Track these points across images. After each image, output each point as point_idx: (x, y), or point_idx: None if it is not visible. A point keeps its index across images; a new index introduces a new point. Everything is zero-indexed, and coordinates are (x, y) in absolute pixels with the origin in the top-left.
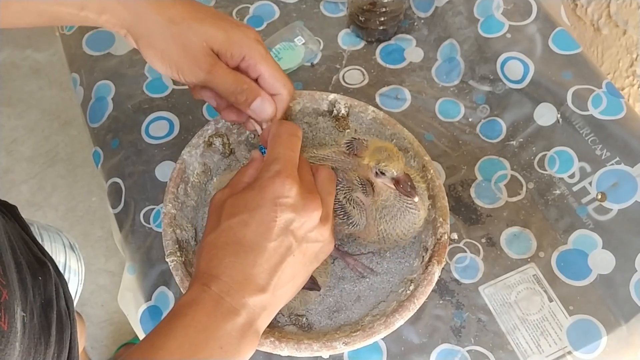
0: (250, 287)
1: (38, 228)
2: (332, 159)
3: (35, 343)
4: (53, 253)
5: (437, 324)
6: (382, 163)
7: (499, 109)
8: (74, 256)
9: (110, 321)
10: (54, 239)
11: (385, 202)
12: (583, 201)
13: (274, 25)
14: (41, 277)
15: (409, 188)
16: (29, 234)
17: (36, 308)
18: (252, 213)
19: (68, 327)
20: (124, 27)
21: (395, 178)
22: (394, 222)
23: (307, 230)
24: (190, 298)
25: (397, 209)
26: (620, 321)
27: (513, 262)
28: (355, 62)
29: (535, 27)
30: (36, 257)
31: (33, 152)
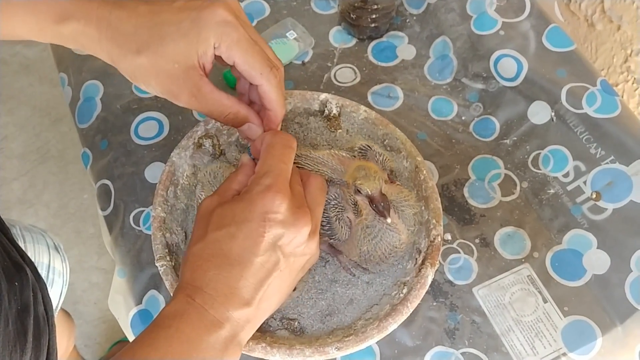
0: (234, 300)
1: (21, 230)
2: (329, 165)
3: (10, 350)
4: (36, 254)
5: (431, 326)
6: (358, 181)
7: (492, 107)
8: (59, 257)
9: (104, 319)
10: (38, 240)
11: (366, 221)
12: (577, 200)
13: (264, 23)
14: (18, 282)
15: (381, 207)
16: (9, 237)
17: (11, 315)
18: (240, 226)
19: (46, 332)
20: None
21: (369, 196)
22: (375, 242)
23: (296, 245)
24: (173, 309)
25: (378, 230)
26: (615, 322)
27: (507, 263)
28: (346, 60)
29: (529, 23)
30: (14, 262)
31: (24, 149)
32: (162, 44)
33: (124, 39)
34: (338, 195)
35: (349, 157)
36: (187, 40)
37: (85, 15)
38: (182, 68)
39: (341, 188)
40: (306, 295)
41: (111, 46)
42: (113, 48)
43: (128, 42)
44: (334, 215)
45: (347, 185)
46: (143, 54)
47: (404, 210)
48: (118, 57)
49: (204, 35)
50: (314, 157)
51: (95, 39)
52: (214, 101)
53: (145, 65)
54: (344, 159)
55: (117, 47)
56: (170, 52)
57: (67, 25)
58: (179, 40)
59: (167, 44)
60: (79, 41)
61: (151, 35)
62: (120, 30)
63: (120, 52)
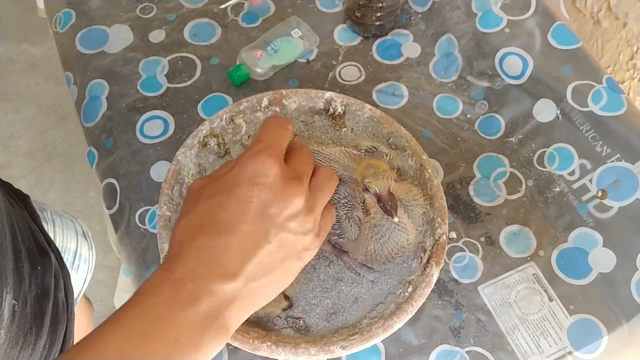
0: (218, 271)
1: (51, 214)
2: (341, 162)
3: (25, 332)
4: (64, 239)
5: (436, 325)
6: (367, 179)
7: (497, 105)
8: (86, 244)
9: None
10: (67, 225)
11: (375, 220)
12: (583, 199)
13: (269, 21)
14: (40, 267)
15: (389, 207)
16: (38, 223)
17: (30, 297)
18: (230, 193)
19: (64, 319)
20: None
21: (377, 195)
22: (382, 242)
23: (287, 218)
24: (149, 284)
25: (386, 229)
26: (621, 320)
27: (512, 261)
28: (351, 58)
29: (534, 21)
30: (39, 247)
31: (30, 147)
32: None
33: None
34: (348, 194)
35: (359, 155)
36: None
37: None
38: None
39: (351, 186)
40: (311, 293)
41: None
42: None
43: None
44: (344, 213)
45: (356, 182)
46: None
47: (413, 210)
48: None
49: None
50: (326, 153)
51: None
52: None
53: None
54: (355, 156)
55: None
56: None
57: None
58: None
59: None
60: None
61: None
62: None
63: None
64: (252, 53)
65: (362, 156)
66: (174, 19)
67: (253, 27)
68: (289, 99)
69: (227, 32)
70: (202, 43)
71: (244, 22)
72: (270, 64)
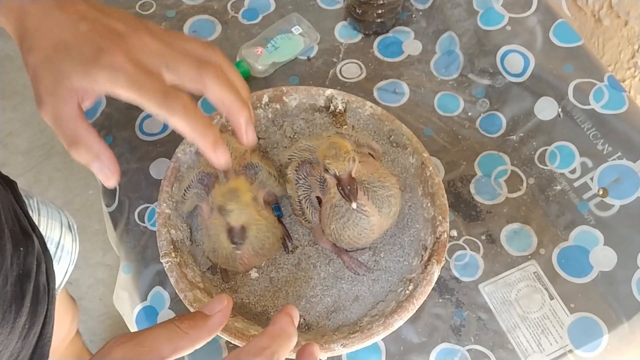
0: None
1: (37, 203)
2: (310, 150)
3: (4, 309)
4: (47, 229)
5: (437, 323)
6: (327, 160)
7: (498, 103)
8: (70, 236)
9: (109, 315)
10: (52, 215)
11: (334, 200)
12: (584, 197)
13: (270, 18)
14: (23, 248)
15: (347, 191)
16: (23, 208)
17: (12, 277)
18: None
19: (45, 302)
20: None
21: (337, 177)
22: (342, 222)
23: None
24: None
25: (345, 209)
26: (622, 319)
27: (513, 260)
28: (352, 55)
29: (536, 19)
30: (23, 229)
31: (29, 145)
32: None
33: (23, 32)
34: (307, 174)
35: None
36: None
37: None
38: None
39: (312, 167)
40: (311, 291)
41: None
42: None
43: (26, 36)
44: (302, 194)
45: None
46: (32, 54)
47: (377, 191)
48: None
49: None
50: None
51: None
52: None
53: (29, 63)
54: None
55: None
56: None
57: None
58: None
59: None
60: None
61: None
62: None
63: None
64: (252, 50)
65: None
66: (174, 16)
67: (253, 23)
68: (290, 96)
69: (227, 29)
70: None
71: (244, 18)
72: (270, 61)
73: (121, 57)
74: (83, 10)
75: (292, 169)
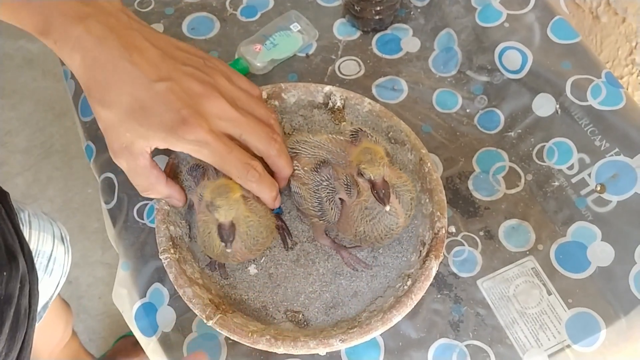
0: None
1: (29, 215)
2: (325, 148)
3: None
4: (39, 241)
5: (435, 319)
6: (363, 165)
7: (497, 99)
8: (62, 247)
9: (108, 313)
10: (44, 228)
11: (367, 202)
12: (582, 193)
13: (268, 15)
14: (6, 272)
15: (382, 195)
16: (14, 222)
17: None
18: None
19: (24, 326)
20: None
21: (371, 181)
22: (372, 224)
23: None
24: None
25: (377, 212)
26: (619, 314)
27: (511, 255)
28: (351, 52)
29: (534, 15)
30: (8, 250)
31: (28, 144)
32: (129, 118)
33: (92, 83)
34: (330, 177)
35: (347, 141)
36: (152, 135)
37: (63, 38)
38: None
39: (334, 168)
40: (310, 287)
41: (79, 79)
42: (80, 81)
43: (96, 89)
44: (325, 196)
45: (350, 165)
46: (105, 108)
47: (403, 195)
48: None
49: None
50: (311, 141)
51: (67, 63)
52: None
53: (101, 116)
54: (342, 142)
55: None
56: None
57: (45, 40)
58: (147, 128)
59: (135, 122)
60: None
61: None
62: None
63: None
64: (250, 47)
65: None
66: (173, 13)
67: (252, 21)
68: (288, 92)
69: (226, 26)
70: (201, 37)
71: (242, 16)
72: (269, 58)
73: (204, 133)
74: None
75: (308, 168)
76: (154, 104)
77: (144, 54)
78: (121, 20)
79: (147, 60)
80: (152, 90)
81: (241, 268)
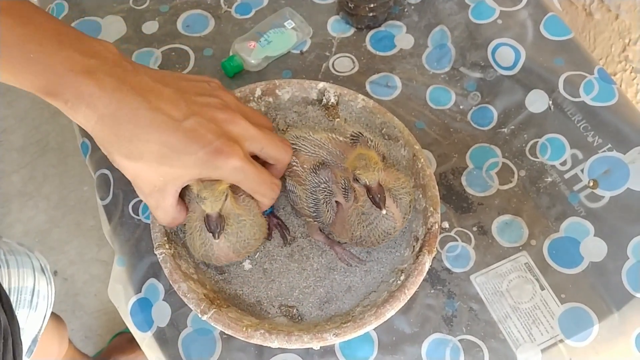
0: None
1: (5, 254)
2: (326, 148)
3: None
4: (20, 279)
5: (429, 314)
6: (357, 171)
7: (490, 96)
8: (44, 279)
9: (104, 310)
10: (23, 263)
11: (364, 208)
12: (575, 188)
13: (262, 13)
14: None
15: (378, 199)
16: None
17: None
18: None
19: None
20: None
21: (367, 186)
22: (370, 229)
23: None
24: None
25: (374, 217)
26: (612, 309)
27: (505, 251)
28: (345, 49)
29: (527, 12)
30: None
31: (23, 142)
32: (161, 164)
33: (115, 140)
34: (329, 179)
35: (347, 143)
36: (189, 172)
37: (75, 98)
38: (166, 185)
39: (333, 171)
40: (304, 282)
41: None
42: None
43: (120, 144)
44: (322, 198)
45: (346, 171)
46: (133, 162)
47: (401, 198)
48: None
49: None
50: (311, 139)
51: (82, 123)
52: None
53: (129, 169)
54: (341, 143)
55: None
56: (165, 173)
57: (54, 101)
58: (182, 169)
59: (168, 167)
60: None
61: (150, 150)
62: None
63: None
64: (245, 44)
65: (348, 142)
66: (167, 10)
67: (246, 18)
68: (282, 89)
69: (221, 24)
70: (196, 34)
71: (237, 13)
72: (263, 55)
73: (239, 160)
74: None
75: (307, 167)
76: (186, 144)
77: (160, 97)
78: (127, 69)
79: (165, 102)
80: (180, 130)
81: (236, 263)
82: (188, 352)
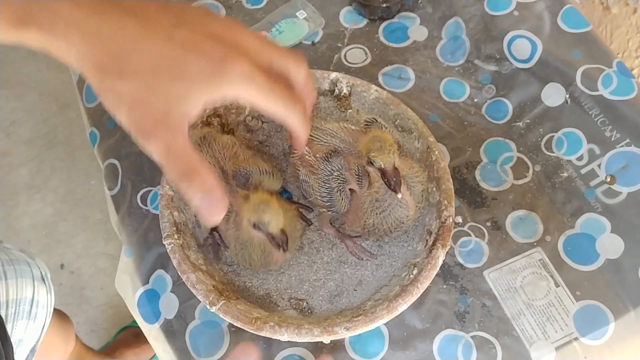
0: None
1: (3, 264)
2: (339, 137)
3: None
4: (18, 289)
5: (441, 309)
6: (372, 153)
7: (505, 89)
8: (44, 288)
9: (110, 304)
10: (22, 272)
11: (378, 194)
12: (591, 184)
13: (274, 3)
14: None
15: (393, 183)
16: None
17: None
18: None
19: None
20: None
21: (382, 169)
22: (383, 216)
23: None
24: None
25: (388, 204)
26: (628, 307)
27: (519, 246)
28: (357, 40)
29: (544, 4)
30: None
31: (32, 135)
32: (159, 79)
33: (103, 57)
34: (342, 167)
35: (360, 131)
36: (195, 87)
37: (50, 19)
38: (171, 111)
39: (346, 159)
40: (314, 275)
41: (84, 61)
42: (87, 63)
43: (109, 62)
44: (336, 186)
45: (360, 155)
46: (128, 80)
47: (415, 187)
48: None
49: (224, 90)
50: (324, 129)
51: (62, 49)
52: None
53: (124, 92)
54: (355, 132)
55: (92, 65)
56: (166, 91)
57: (28, 31)
58: (184, 82)
59: (168, 82)
60: (46, 49)
61: (144, 63)
62: (100, 46)
63: (95, 71)
64: None
65: (362, 130)
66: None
67: (258, 8)
68: None
69: (232, 14)
70: None
71: (248, 3)
72: None
73: (248, 64)
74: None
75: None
76: (184, 54)
77: (146, 10)
78: None
79: (154, 12)
80: (176, 39)
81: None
82: (195, 345)
